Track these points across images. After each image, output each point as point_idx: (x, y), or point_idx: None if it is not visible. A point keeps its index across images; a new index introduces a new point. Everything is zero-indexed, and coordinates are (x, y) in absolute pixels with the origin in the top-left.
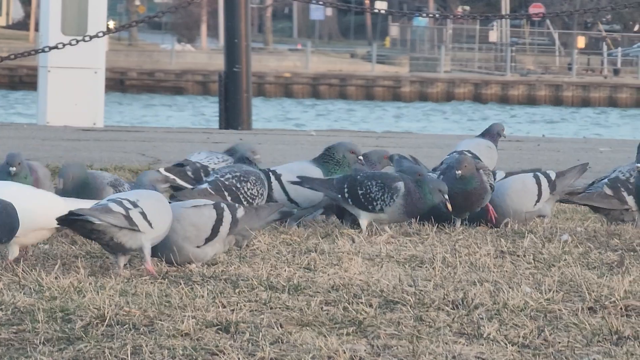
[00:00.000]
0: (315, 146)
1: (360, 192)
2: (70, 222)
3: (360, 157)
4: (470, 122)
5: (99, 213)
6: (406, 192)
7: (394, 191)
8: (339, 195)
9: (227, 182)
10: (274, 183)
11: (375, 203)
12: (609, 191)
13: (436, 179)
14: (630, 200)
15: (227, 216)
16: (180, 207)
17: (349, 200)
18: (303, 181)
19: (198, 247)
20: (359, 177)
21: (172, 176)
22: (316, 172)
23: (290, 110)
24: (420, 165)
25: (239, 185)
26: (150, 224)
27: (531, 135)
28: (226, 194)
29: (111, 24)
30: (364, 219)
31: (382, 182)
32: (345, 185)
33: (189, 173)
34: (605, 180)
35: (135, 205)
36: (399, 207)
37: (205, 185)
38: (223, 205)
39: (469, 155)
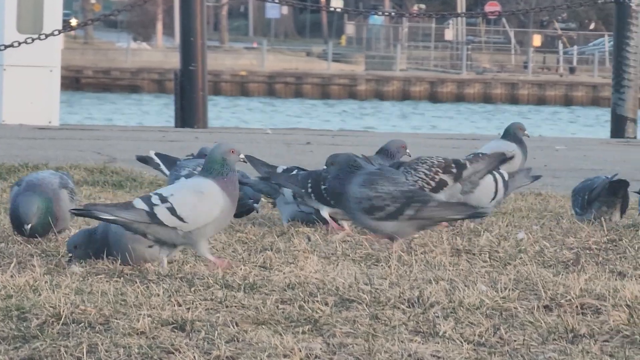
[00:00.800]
0: (270, 144)
1: (322, 187)
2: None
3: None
4: (430, 119)
5: (115, 209)
6: None
7: None
8: (302, 190)
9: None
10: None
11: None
12: None
13: None
14: None
15: None
16: None
17: (312, 195)
18: (271, 177)
19: (150, 246)
20: (323, 173)
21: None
22: None
23: (246, 108)
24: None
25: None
26: (181, 219)
27: (489, 134)
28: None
29: (74, 22)
30: (325, 212)
31: None
32: (309, 181)
33: None
34: None
35: (164, 200)
36: None
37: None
38: None
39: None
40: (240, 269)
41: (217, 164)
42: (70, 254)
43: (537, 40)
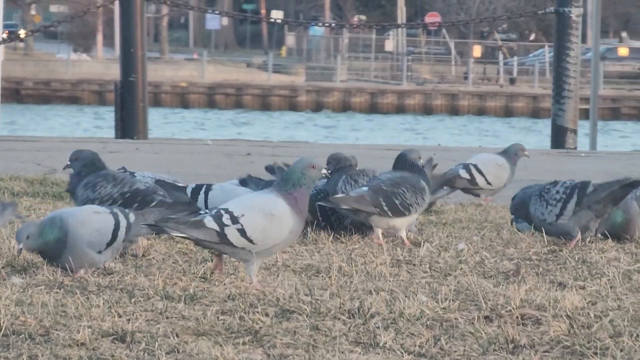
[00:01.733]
0: (210, 155)
1: None
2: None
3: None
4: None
5: (186, 227)
6: None
7: None
8: None
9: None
10: None
11: None
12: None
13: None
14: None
15: (123, 221)
16: (83, 213)
17: None
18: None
19: (100, 252)
20: None
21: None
22: None
23: (187, 119)
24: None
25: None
26: (251, 241)
27: (427, 144)
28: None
29: (22, 33)
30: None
31: None
32: None
33: None
34: None
35: (235, 221)
36: None
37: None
38: (116, 210)
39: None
40: (181, 280)
41: (294, 177)
42: (20, 245)
43: (477, 51)
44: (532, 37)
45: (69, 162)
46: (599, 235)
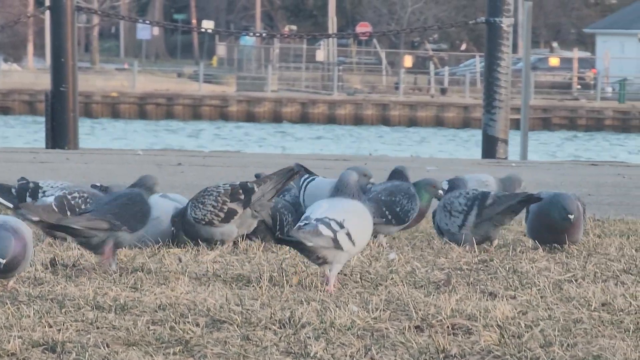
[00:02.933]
0: (141, 165)
1: None
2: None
3: (440, 191)
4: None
5: (311, 236)
6: None
7: None
8: None
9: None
10: None
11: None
12: None
13: None
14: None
15: None
16: None
17: None
18: None
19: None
20: None
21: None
22: None
23: (117, 130)
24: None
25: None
26: (353, 243)
27: (359, 154)
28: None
29: None
30: None
31: None
32: None
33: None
34: None
35: (342, 226)
36: None
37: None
38: None
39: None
40: (111, 290)
41: (352, 187)
42: None
43: (408, 61)
44: (463, 47)
45: None
46: (529, 244)
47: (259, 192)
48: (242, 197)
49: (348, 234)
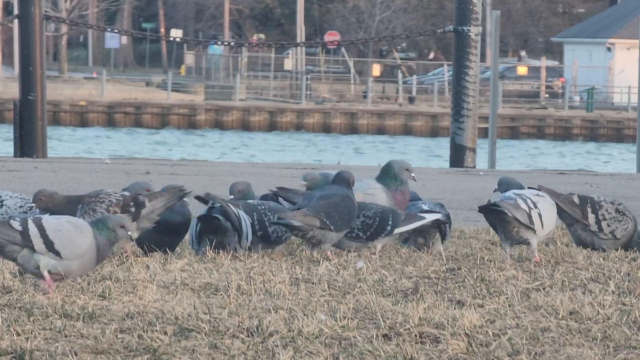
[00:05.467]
0: (110, 174)
1: None
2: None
3: (413, 174)
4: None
5: (511, 207)
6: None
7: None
8: None
9: None
10: None
11: None
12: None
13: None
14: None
15: None
16: None
17: None
18: None
19: None
20: None
21: None
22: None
23: (86, 139)
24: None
25: None
26: (542, 225)
27: (326, 163)
28: None
29: None
30: None
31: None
32: None
33: None
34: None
35: (535, 206)
36: None
37: None
38: None
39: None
40: (80, 298)
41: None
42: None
43: (376, 69)
44: (432, 55)
45: None
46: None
47: (150, 207)
48: (133, 209)
49: (539, 214)
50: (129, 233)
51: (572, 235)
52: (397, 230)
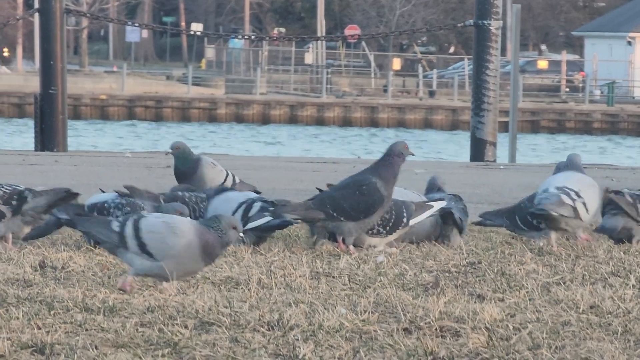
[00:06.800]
0: (131, 167)
1: None
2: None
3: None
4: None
5: (556, 207)
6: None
7: None
8: None
9: None
10: None
11: None
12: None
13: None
14: None
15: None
16: None
17: None
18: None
19: None
20: None
21: None
22: None
23: (106, 132)
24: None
25: None
26: (587, 213)
27: (346, 157)
28: None
29: None
30: None
31: None
32: None
33: None
34: None
35: (579, 196)
36: None
37: None
38: None
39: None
40: (100, 292)
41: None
42: None
43: (396, 63)
44: (452, 49)
45: None
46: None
47: (32, 203)
48: (14, 203)
49: (584, 204)
50: (241, 235)
51: (607, 230)
52: (412, 221)
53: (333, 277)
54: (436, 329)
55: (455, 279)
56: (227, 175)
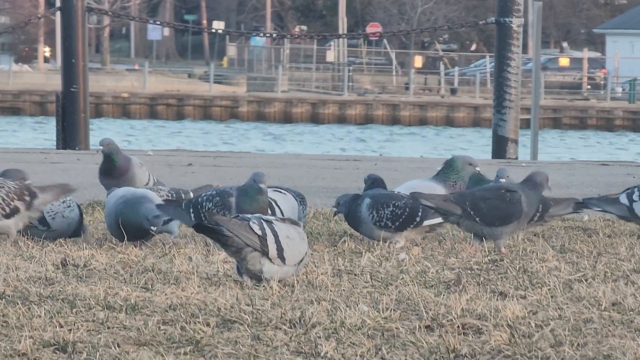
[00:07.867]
0: (152, 166)
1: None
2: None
3: (478, 169)
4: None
5: (605, 204)
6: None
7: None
8: None
9: None
10: None
11: None
12: None
13: None
14: None
15: None
16: None
17: None
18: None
19: None
20: None
21: None
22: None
23: (128, 130)
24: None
25: None
26: None
27: (368, 155)
28: None
29: None
30: None
31: None
32: None
33: None
34: None
35: None
36: None
37: None
38: None
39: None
40: (122, 290)
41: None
42: None
43: (418, 61)
44: (473, 47)
45: None
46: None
47: (41, 198)
48: (27, 198)
49: None
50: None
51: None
52: (426, 222)
53: (355, 274)
54: (458, 327)
55: (477, 276)
56: (150, 176)
